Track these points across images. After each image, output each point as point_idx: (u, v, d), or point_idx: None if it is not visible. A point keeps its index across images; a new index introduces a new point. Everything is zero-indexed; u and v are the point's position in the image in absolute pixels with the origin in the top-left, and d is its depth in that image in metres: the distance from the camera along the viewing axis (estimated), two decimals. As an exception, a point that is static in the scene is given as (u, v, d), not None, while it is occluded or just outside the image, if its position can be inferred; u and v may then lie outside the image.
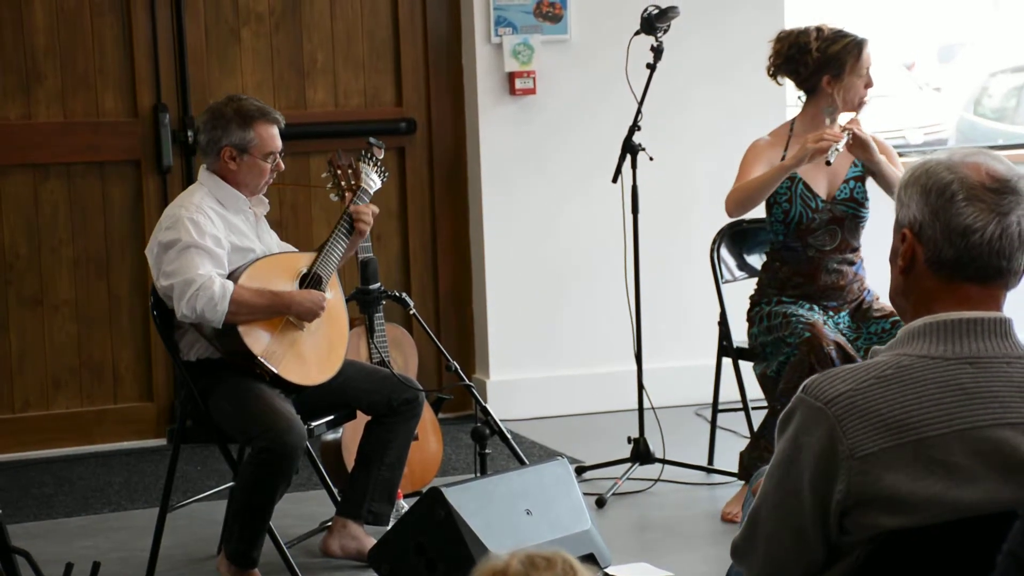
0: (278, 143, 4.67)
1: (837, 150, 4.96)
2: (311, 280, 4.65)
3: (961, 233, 2.35)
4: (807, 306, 5.12)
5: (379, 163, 4.94)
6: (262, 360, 4.50)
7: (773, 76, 5.25)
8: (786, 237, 5.18)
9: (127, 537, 5.17)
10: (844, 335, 5.06)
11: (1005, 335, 2.37)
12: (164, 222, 4.58)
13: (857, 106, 5.15)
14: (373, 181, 4.89)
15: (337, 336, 4.73)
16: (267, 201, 4.78)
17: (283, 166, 4.71)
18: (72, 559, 3.48)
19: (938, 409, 2.29)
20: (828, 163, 4.97)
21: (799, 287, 5.17)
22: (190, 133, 6.32)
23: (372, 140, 4.97)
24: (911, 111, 10.59)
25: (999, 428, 2.30)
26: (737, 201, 5.13)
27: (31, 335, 6.30)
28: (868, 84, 5.15)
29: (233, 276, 4.53)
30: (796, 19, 6.51)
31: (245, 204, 4.67)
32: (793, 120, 5.28)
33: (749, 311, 5.24)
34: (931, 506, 2.27)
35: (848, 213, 5.15)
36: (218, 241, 4.53)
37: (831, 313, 5.15)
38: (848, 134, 5.01)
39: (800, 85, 5.20)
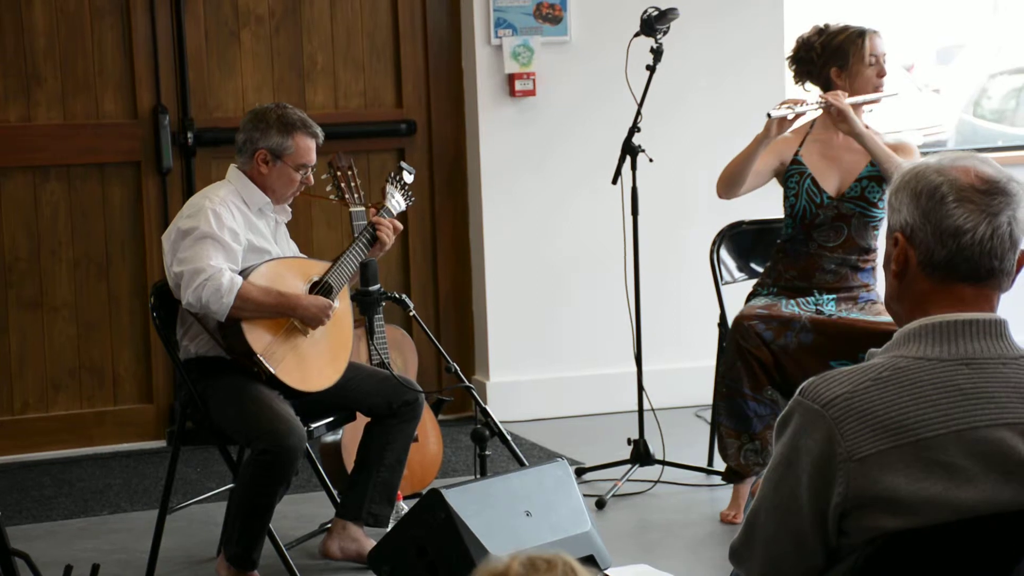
0: (312, 157, 4.70)
1: (790, 109, 5.00)
2: (321, 288, 4.66)
3: (952, 234, 2.36)
4: (784, 299, 5.15)
5: (406, 187, 4.98)
6: (261, 359, 4.50)
7: (799, 83, 5.33)
8: (794, 230, 5.22)
9: (127, 539, 5.17)
10: (817, 310, 5.09)
11: (1000, 336, 2.37)
12: (186, 210, 4.61)
13: (871, 93, 5.17)
14: (397, 203, 4.95)
15: (340, 346, 4.74)
16: (290, 210, 4.80)
17: (312, 180, 4.74)
18: (72, 561, 3.48)
19: (935, 410, 2.29)
20: (768, 115, 5.02)
21: (792, 280, 5.20)
22: (189, 135, 6.33)
23: (403, 164, 5.07)
24: (910, 112, 10.60)
25: (996, 428, 2.30)
26: (723, 179, 5.22)
27: (31, 337, 6.30)
28: (880, 73, 5.19)
29: (245, 273, 4.55)
30: (796, 21, 6.52)
31: (269, 208, 4.69)
32: (814, 120, 5.30)
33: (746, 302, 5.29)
34: (930, 507, 2.27)
35: (855, 211, 5.16)
36: (235, 236, 4.55)
37: (815, 298, 5.16)
38: (819, 103, 5.05)
39: (817, 84, 5.25)
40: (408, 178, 5.02)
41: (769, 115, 5.03)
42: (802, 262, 5.19)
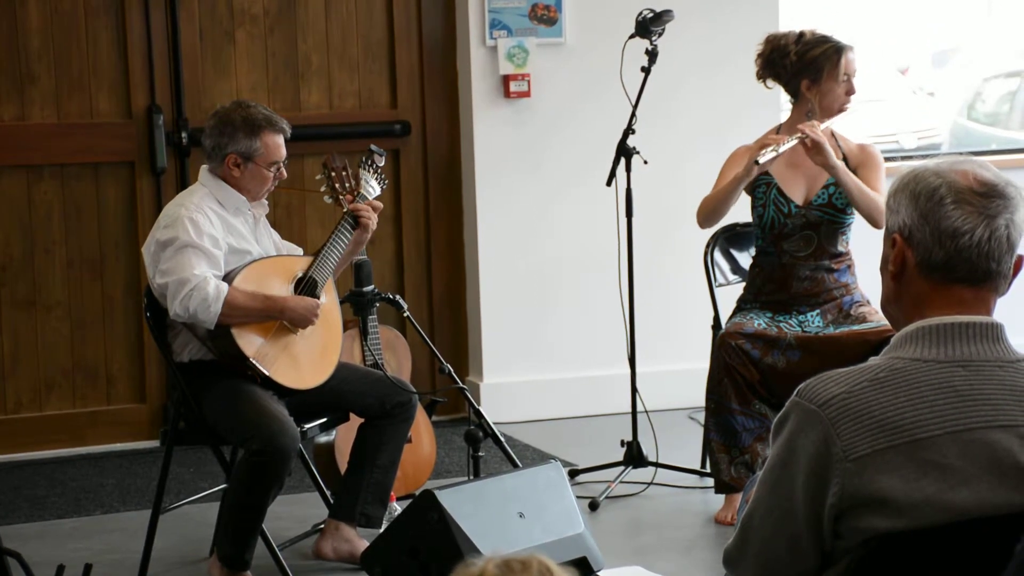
0: (283, 153, 4.67)
1: (775, 151, 4.98)
2: (306, 284, 4.64)
3: (951, 235, 2.37)
4: (768, 315, 5.15)
5: (379, 170, 4.95)
6: (254, 362, 4.50)
7: (761, 79, 5.28)
8: (764, 241, 5.23)
9: (119, 539, 5.17)
10: (803, 330, 5.10)
11: (997, 339, 2.38)
12: (163, 220, 4.59)
13: (836, 112, 5.15)
14: (372, 188, 4.91)
15: (331, 340, 4.72)
16: (267, 203, 4.78)
17: (285, 175, 4.71)
18: (64, 561, 3.47)
19: (931, 411, 2.30)
20: (756, 162, 5.00)
21: (772, 294, 5.21)
22: (184, 135, 6.32)
23: (373, 148, 5.00)
24: (905, 115, 10.62)
25: (991, 430, 2.31)
26: (703, 213, 5.24)
27: (24, 336, 6.30)
28: (849, 91, 5.16)
29: (228, 278, 4.52)
30: (791, 22, 6.52)
31: (245, 206, 4.67)
32: (780, 125, 5.30)
33: (728, 320, 5.31)
34: (924, 508, 2.27)
35: (824, 219, 5.16)
36: (215, 242, 4.53)
37: (799, 316, 5.16)
38: (796, 137, 5.02)
39: (785, 89, 5.25)
40: (380, 161, 4.98)
41: (757, 162, 5.00)
42: (777, 274, 5.21)
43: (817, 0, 9.06)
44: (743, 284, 5.47)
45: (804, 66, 5.14)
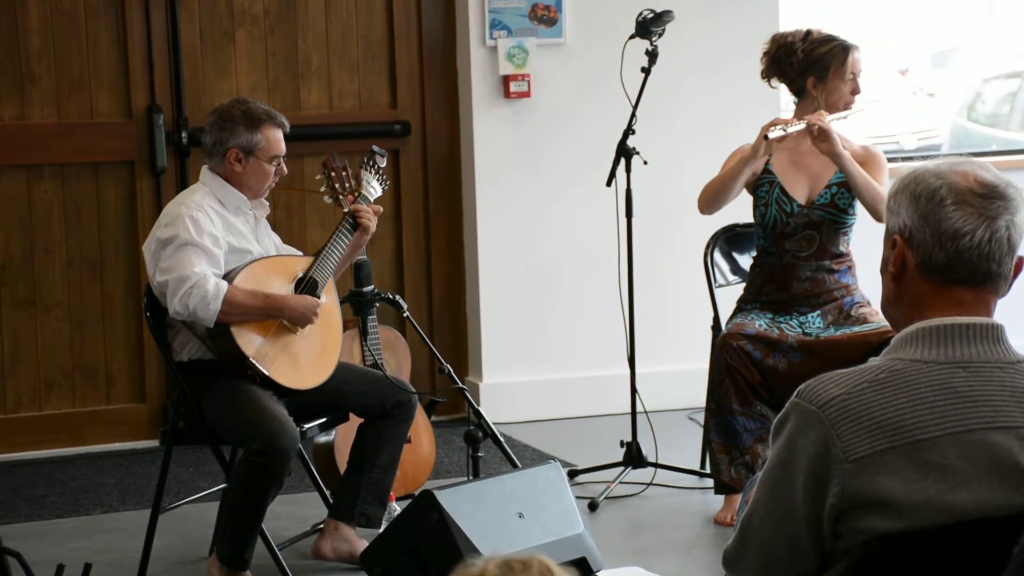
0: (283, 147, 4.67)
1: (783, 130, 5.00)
2: (306, 284, 4.65)
3: (951, 236, 2.37)
4: (769, 315, 5.16)
5: (380, 171, 4.96)
6: (254, 362, 4.50)
7: (766, 78, 5.30)
8: (766, 241, 5.23)
9: (119, 538, 5.17)
10: (804, 332, 5.10)
11: (997, 340, 2.38)
12: (163, 219, 4.59)
13: (841, 110, 5.17)
14: (374, 188, 4.92)
15: (330, 340, 4.72)
16: (267, 204, 4.79)
17: (286, 170, 4.72)
18: (64, 560, 3.47)
19: (931, 412, 2.30)
20: (766, 138, 5.00)
21: (772, 294, 5.21)
22: (184, 134, 6.32)
23: (375, 148, 5.01)
24: (905, 116, 10.62)
25: (991, 432, 2.31)
26: (706, 197, 5.23)
27: (24, 336, 6.30)
28: (855, 90, 5.18)
29: (229, 276, 4.53)
30: (791, 22, 6.53)
31: (246, 205, 4.67)
32: None
33: (729, 320, 5.31)
34: (924, 509, 2.28)
35: (826, 219, 5.16)
36: (216, 240, 4.53)
37: (800, 317, 5.17)
38: (805, 122, 5.04)
39: (790, 88, 5.25)
40: (381, 162, 4.99)
41: (767, 137, 5.01)
42: (778, 274, 5.21)
43: (817, 0, 9.06)
44: (743, 285, 5.47)
45: (810, 64, 5.15)
